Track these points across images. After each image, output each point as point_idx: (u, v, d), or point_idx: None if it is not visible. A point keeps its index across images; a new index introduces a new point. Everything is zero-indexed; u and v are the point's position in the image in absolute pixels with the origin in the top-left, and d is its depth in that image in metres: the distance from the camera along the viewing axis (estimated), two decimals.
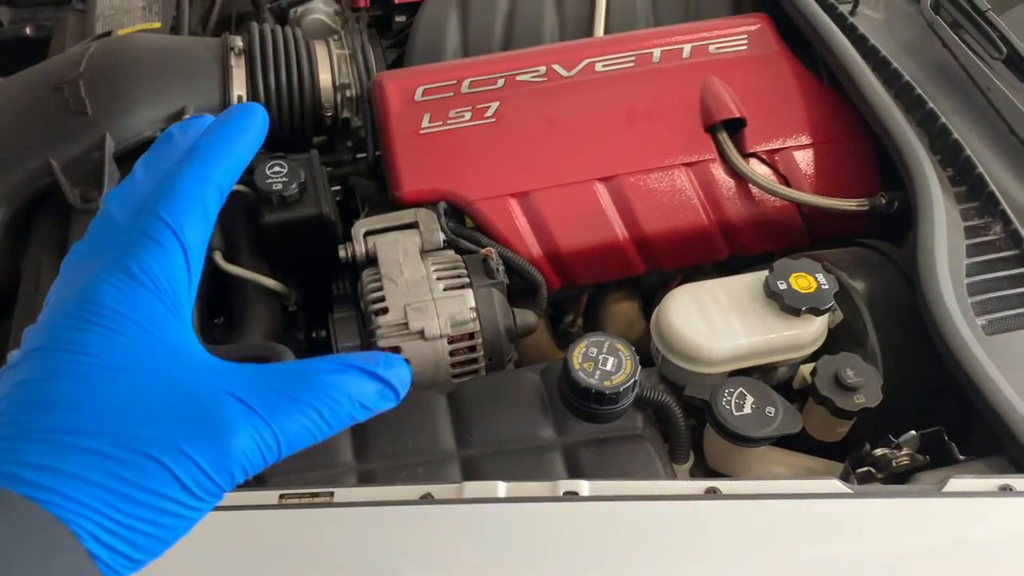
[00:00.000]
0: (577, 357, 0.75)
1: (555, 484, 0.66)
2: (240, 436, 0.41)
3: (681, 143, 0.96)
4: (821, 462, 0.81)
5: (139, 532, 0.39)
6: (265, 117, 0.49)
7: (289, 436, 0.42)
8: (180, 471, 0.40)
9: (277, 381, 0.43)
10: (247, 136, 0.48)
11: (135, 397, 0.41)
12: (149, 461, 0.39)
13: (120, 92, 0.99)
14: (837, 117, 1.00)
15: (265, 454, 0.42)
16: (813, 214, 0.97)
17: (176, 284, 0.43)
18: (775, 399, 0.76)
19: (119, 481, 0.39)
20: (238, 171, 0.48)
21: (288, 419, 0.42)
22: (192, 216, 0.45)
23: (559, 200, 0.94)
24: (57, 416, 0.40)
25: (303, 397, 0.43)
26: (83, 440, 0.39)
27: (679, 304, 0.81)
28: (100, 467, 0.39)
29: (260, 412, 0.42)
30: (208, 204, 0.46)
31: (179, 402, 0.41)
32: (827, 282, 0.80)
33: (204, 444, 0.40)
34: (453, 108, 0.96)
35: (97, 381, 0.41)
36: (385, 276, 0.85)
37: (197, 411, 0.41)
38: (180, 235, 0.44)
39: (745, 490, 0.65)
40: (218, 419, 0.41)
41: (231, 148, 0.47)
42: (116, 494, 0.39)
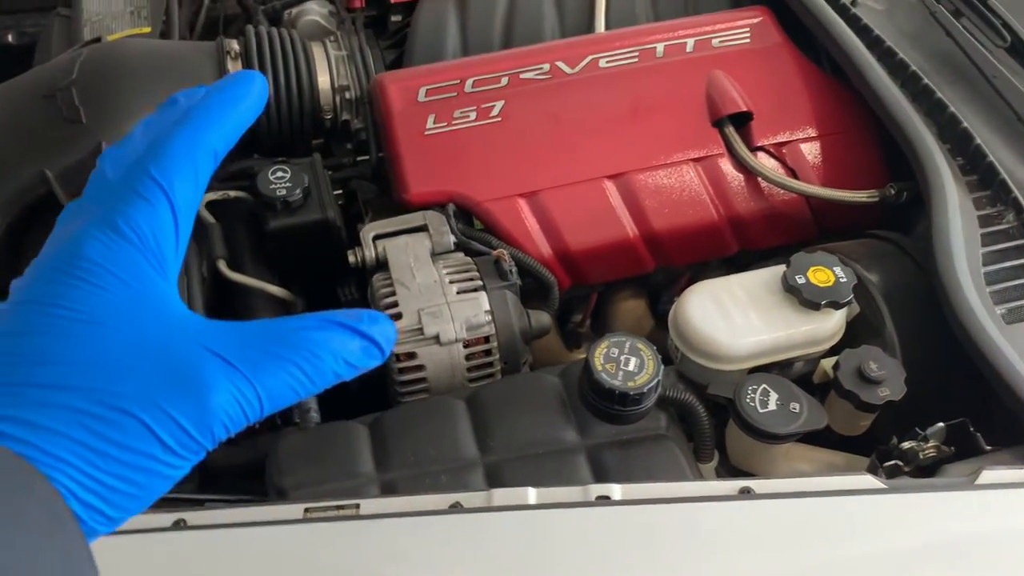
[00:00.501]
0: (599, 358, 0.74)
1: (586, 489, 0.65)
2: (220, 393, 0.40)
3: (688, 138, 0.96)
4: (845, 456, 0.80)
5: (116, 490, 0.39)
6: (264, 84, 0.49)
7: (271, 393, 0.42)
8: (159, 428, 0.39)
9: (259, 338, 0.42)
10: (244, 102, 0.47)
11: (115, 353, 0.40)
12: (128, 417, 0.39)
13: (115, 99, 0.96)
14: (842, 108, 1.00)
15: (247, 411, 0.41)
16: (821, 206, 0.97)
17: (163, 241, 0.43)
18: (799, 395, 0.75)
19: (97, 437, 0.38)
20: (234, 136, 0.47)
21: (270, 375, 0.41)
22: (182, 175, 0.44)
23: (568, 199, 0.93)
24: (36, 370, 0.39)
25: (285, 353, 0.42)
26: (61, 395, 0.39)
27: (697, 301, 0.80)
28: (78, 422, 0.38)
29: (241, 368, 0.41)
30: (200, 165, 0.45)
31: (159, 358, 0.41)
32: (845, 275, 0.80)
33: (184, 401, 0.40)
34: (457, 108, 0.94)
35: (77, 336, 0.40)
36: (397, 281, 0.84)
37: (177, 367, 0.40)
38: (169, 193, 0.43)
39: (778, 489, 0.64)
40: (198, 375, 0.40)
41: (227, 112, 0.47)
42: (93, 450, 0.38)
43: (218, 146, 0.47)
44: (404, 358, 0.81)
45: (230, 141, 0.47)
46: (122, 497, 0.39)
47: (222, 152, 0.47)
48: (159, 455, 0.39)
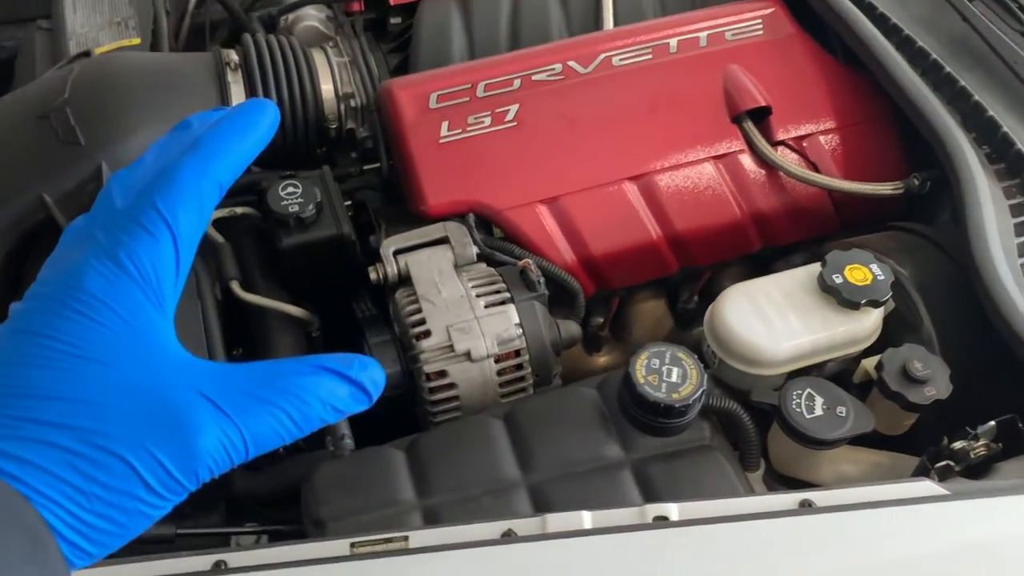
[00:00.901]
0: (640, 370, 0.72)
1: (643, 510, 0.63)
2: (207, 436, 0.41)
3: (708, 136, 0.93)
4: (888, 455, 0.79)
5: (98, 528, 0.40)
6: (276, 114, 0.49)
7: (257, 437, 0.43)
8: (144, 470, 0.40)
9: (248, 381, 0.43)
10: (254, 133, 0.48)
11: (107, 392, 0.41)
12: (115, 460, 0.40)
13: (113, 118, 0.93)
14: (859, 98, 0.98)
15: (232, 454, 0.42)
16: (843, 199, 0.95)
17: (163, 275, 0.44)
18: (844, 398, 0.74)
19: (84, 478, 0.39)
20: (240, 167, 0.48)
21: (256, 420, 0.42)
22: (187, 208, 0.45)
23: (589, 203, 0.90)
24: (30, 403, 0.40)
25: (272, 398, 0.43)
26: (53, 433, 0.40)
27: (734, 305, 0.78)
28: (66, 462, 0.39)
29: (230, 413, 0.42)
30: (204, 198, 0.46)
31: (148, 399, 0.42)
32: (883, 272, 0.78)
33: (170, 443, 0.41)
34: (471, 114, 0.91)
35: (72, 372, 0.41)
36: (422, 297, 0.81)
37: (165, 410, 0.41)
38: (173, 227, 0.44)
39: (839, 500, 0.62)
40: (186, 418, 0.41)
41: (235, 144, 0.47)
42: (79, 491, 0.39)
43: (224, 179, 0.47)
44: (435, 377, 0.79)
45: (236, 173, 0.48)
46: (103, 535, 0.40)
47: (227, 184, 0.48)
48: (143, 496, 0.41)
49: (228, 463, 0.43)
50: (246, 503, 0.85)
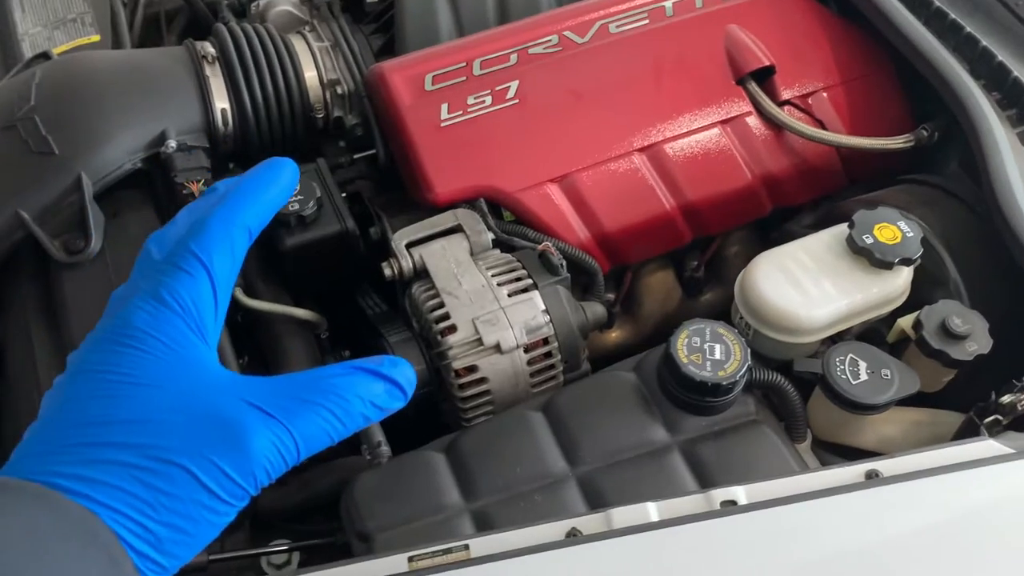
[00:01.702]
0: (682, 350, 0.70)
1: (708, 496, 0.61)
2: (260, 440, 0.45)
3: (713, 100, 0.91)
4: (926, 412, 0.78)
5: (167, 539, 0.43)
6: (294, 168, 0.57)
7: (306, 436, 0.47)
8: (204, 476, 0.43)
9: (291, 387, 0.48)
10: (276, 185, 0.55)
11: (161, 410, 0.44)
12: (176, 468, 0.43)
13: (87, 124, 0.87)
14: (859, 52, 0.96)
15: (285, 456, 0.46)
16: (851, 155, 0.94)
17: (203, 309, 0.49)
18: (887, 360, 0.73)
19: (148, 489, 0.42)
20: (268, 215, 0.55)
21: (303, 420, 0.47)
22: (220, 250, 0.50)
23: (600, 178, 0.87)
24: (90, 431, 0.43)
25: (316, 399, 0.47)
26: (114, 452, 0.43)
27: (765, 274, 0.76)
28: (130, 475, 0.42)
29: (277, 416, 0.46)
30: (236, 240, 0.52)
31: (201, 413, 0.45)
32: (911, 229, 0.77)
33: (225, 449, 0.44)
34: (471, 94, 0.87)
35: (126, 397, 0.44)
36: (443, 290, 0.78)
37: (217, 420, 0.45)
38: (208, 266, 0.50)
39: (905, 468, 0.61)
40: (239, 426, 0.45)
41: (259, 194, 0.53)
42: (144, 501, 0.42)
43: (252, 224, 0.53)
44: (464, 373, 0.76)
45: (263, 220, 0.54)
46: (173, 545, 0.43)
47: (256, 229, 0.53)
48: (206, 502, 0.43)
49: (282, 464, 0.46)
50: (272, 519, 0.82)
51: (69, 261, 0.84)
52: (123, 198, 0.90)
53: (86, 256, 0.84)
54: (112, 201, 0.89)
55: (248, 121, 0.92)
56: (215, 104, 0.90)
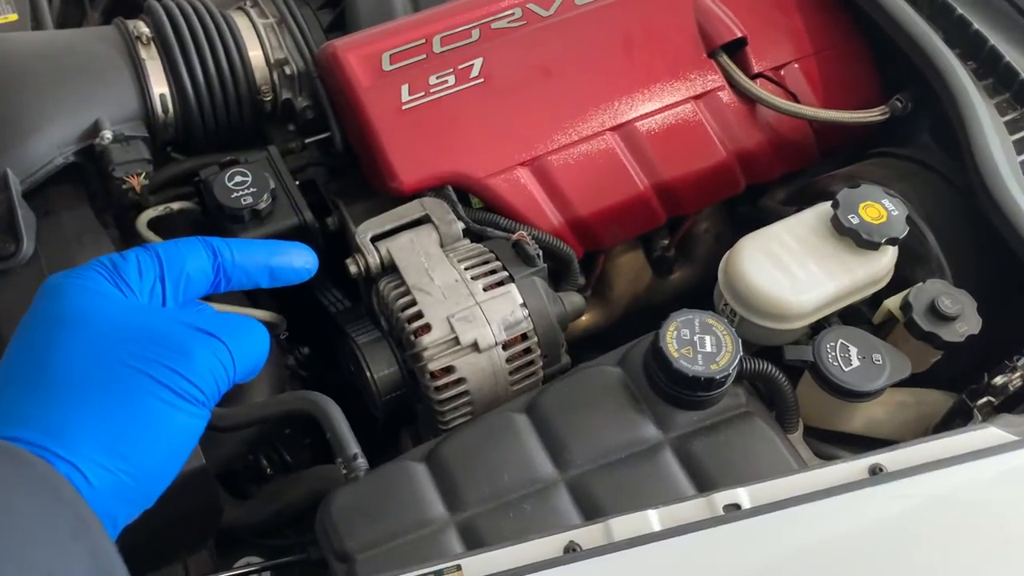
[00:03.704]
0: (671, 343, 0.67)
1: (711, 500, 0.58)
2: (202, 350, 0.50)
3: (685, 74, 0.87)
4: (910, 392, 0.77)
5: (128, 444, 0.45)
6: (312, 258, 0.63)
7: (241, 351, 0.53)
8: (160, 376, 0.47)
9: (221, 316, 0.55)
10: (284, 255, 0.62)
11: (106, 342, 0.48)
12: (131, 375, 0.46)
13: (11, 114, 0.79)
14: (830, 22, 0.93)
15: (226, 366, 0.51)
16: (824, 128, 0.91)
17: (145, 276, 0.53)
18: (877, 344, 0.71)
19: (106, 409, 0.45)
20: (256, 265, 0.60)
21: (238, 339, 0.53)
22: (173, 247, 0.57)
23: (572, 160, 0.83)
24: (39, 377, 0.46)
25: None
26: (65, 390, 0.46)
27: (750, 259, 0.73)
28: (88, 409, 0.45)
29: (215, 333, 0.51)
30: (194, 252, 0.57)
31: (146, 336, 0.49)
32: (895, 207, 0.75)
33: (174, 357, 0.48)
34: (432, 73, 0.82)
35: (68, 340, 0.48)
36: (414, 287, 0.73)
37: (162, 337, 0.49)
38: (157, 250, 0.56)
39: (908, 461, 0.59)
40: (181, 341, 0.49)
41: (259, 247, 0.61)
42: (106, 427, 0.44)
43: (227, 257, 0.58)
44: (440, 374, 0.72)
45: (251, 268, 0.59)
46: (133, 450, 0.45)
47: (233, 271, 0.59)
48: (165, 397, 0.47)
49: (225, 377, 0.51)
50: (240, 534, 0.77)
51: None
52: (55, 194, 0.82)
53: (17, 262, 0.76)
54: (43, 199, 0.81)
55: (190, 107, 0.85)
56: (153, 89, 0.83)
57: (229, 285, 0.58)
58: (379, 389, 0.74)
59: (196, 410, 0.48)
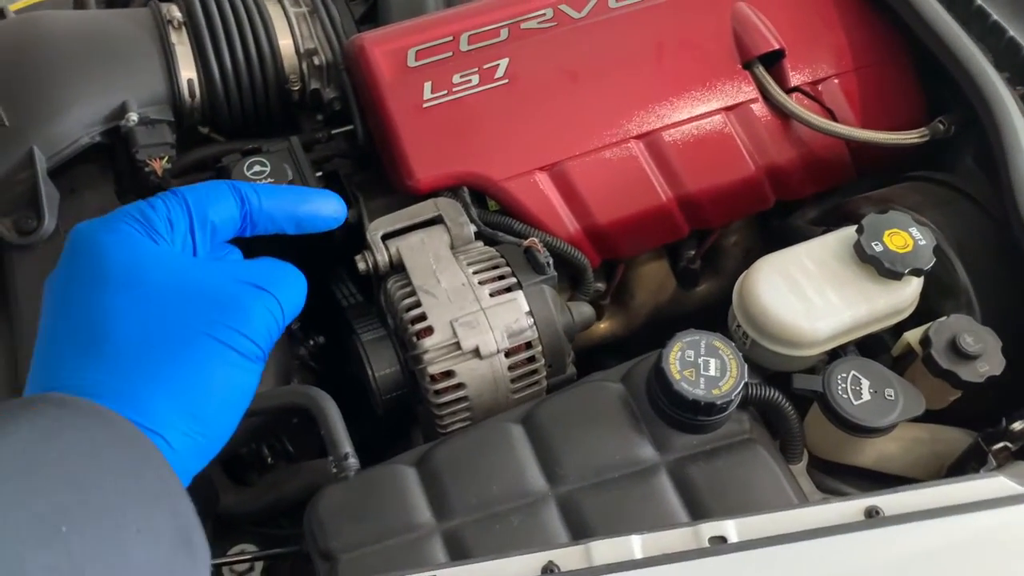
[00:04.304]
0: (675, 365, 0.66)
1: (696, 530, 0.57)
2: (257, 306, 0.51)
3: (717, 85, 0.85)
4: (927, 429, 0.74)
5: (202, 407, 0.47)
6: (341, 207, 0.67)
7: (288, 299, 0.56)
8: (223, 337, 0.48)
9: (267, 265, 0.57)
10: (310, 202, 0.65)
11: (165, 300, 0.49)
12: (198, 337, 0.48)
13: (41, 93, 0.80)
14: (874, 36, 0.90)
15: (276, 319, 0.53)
16: (861, 148, 0.88)
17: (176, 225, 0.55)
18: (891, 378, 0.68)
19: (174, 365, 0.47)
20: (280, 213, 0.62)
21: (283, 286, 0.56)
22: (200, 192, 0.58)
23: (593, 167, 0.82)
24: (107, 337, 0.47)
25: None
26: (135, 351, 0.47)
27: (766, 281, 0.71)
28: (159, 372, 0.46)
29: (265, 287, 0.53)
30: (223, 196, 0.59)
31: (203, 293, 0.50)
32: (923, 237, 0.72)
33: (233, 316, 0.50)
34: (456, 72, 0.81)
35: (127, 297, 0.49)
36: (419, 288, 0.72)
37: (219, 296, 0.50)
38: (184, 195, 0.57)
39: (908, 506, 0.57)
40: (236, 298, 0.51)
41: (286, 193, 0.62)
42: (178, 383, 0.46)
43: (255, 201, 0.59)
44: (440, 378, 0.71)
45: (275, 215, 0.61)
46: (211, 421, 0.48)
47: (260, 216, 0.60)
48: (229, 359, 0.48)
49: (276, 328, 0.53)
50: (237, 521, 0.78)
51: (20, 243, 0.78)
52: (81, 173, 0.84)
53: (38, 237, 0.78)
54: (69, 177, 0.83)
55: (217, 93, 0.85)
56: (180, 74, 0.84)
57: (254, 230, 0.58)
58: (379, 387, 0.74)
59: (255, 366, 0.50)
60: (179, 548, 0.41)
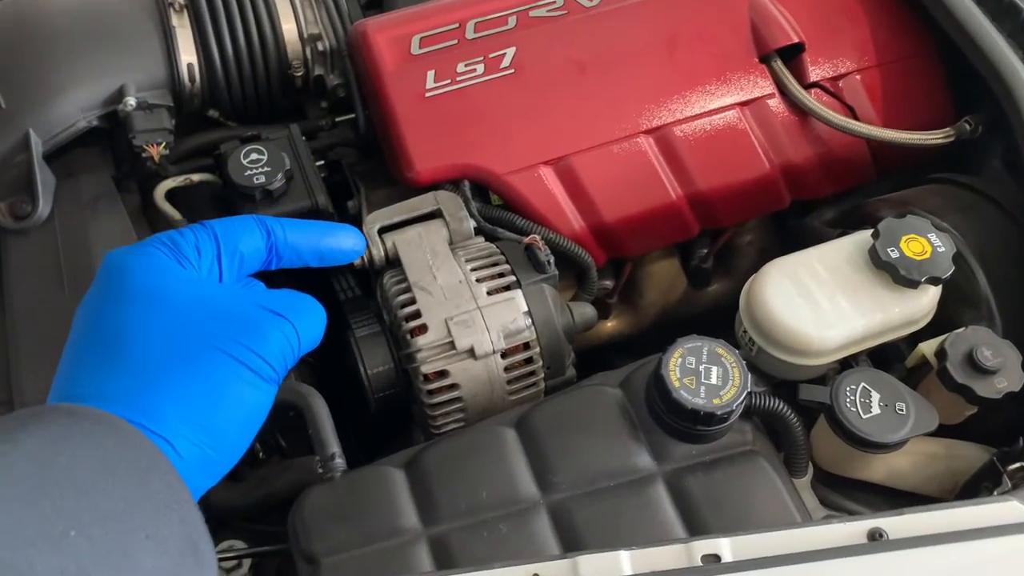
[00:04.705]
0: (674, 372, 0.63)
1: (689, 548, 0.54)
2: (273, 331, 0.51)
3: (733, 78, 0.82)
4: (942, 444, 0.71)
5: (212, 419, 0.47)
6: (359, 239, 0.67)
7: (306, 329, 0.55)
8: (238, 354, 0.49)
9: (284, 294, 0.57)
10: (331, 236, 0.64)
11: (184, 319, 0.50)
12: (214, 353, 0.48)
13: (39, 74, 0.79)
14: (901, 31, 0.86)
15: (292, 343, 0.53)
16: (882, 147, 0.84)
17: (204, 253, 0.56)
18: (902, 392, 0.65)
19: (192, 386, 0.47)
20: (304, 250, 0.62)
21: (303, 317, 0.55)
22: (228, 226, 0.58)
23: (600, 162, 0.79)
24: (126, 351, 0.48)
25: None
26: (153, 363, 0.47)
27: (775, 286, 0.68)
28: (174, 385, 0.46)
29: (282, 313, 0.53)
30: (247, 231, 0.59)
31: (222, 315, 0.51)
32: (942, 243, 0.68)
33: (249, 337, 0.50)
34: (461, 60, 0.79)
35: (146, 312, 0.50)
36: (415, 284, 0.70)
37: (237, 317, 0.51)
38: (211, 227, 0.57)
39: (914, 530, 0.54)
40: (254, 320, 0.51)
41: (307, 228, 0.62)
42: (193, 408, 0.46)
43: (281, 239, 0.59)
44: (434, 377, 0.69)
45: (299, 251, 0.61)
46: (221, 434, 0.48)
47: (286, 253, 0.60)
48: (244, 376, 0.48)
49: (292, 354, 0.53)
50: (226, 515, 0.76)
51: (14, 227, 0.77)
52: (79, 157, 0.83)
53: (32, 222, 0.77)
54: (67, 161, 0.82)
55: (217, 78, 0.83)
56: (181, 58, 0.82)
57: (280, 263, 0.59)
58: (372, 385, 0.72)
59: (268, 387, 0.50)
60: (186, 556, 0.41)
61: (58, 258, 0.76)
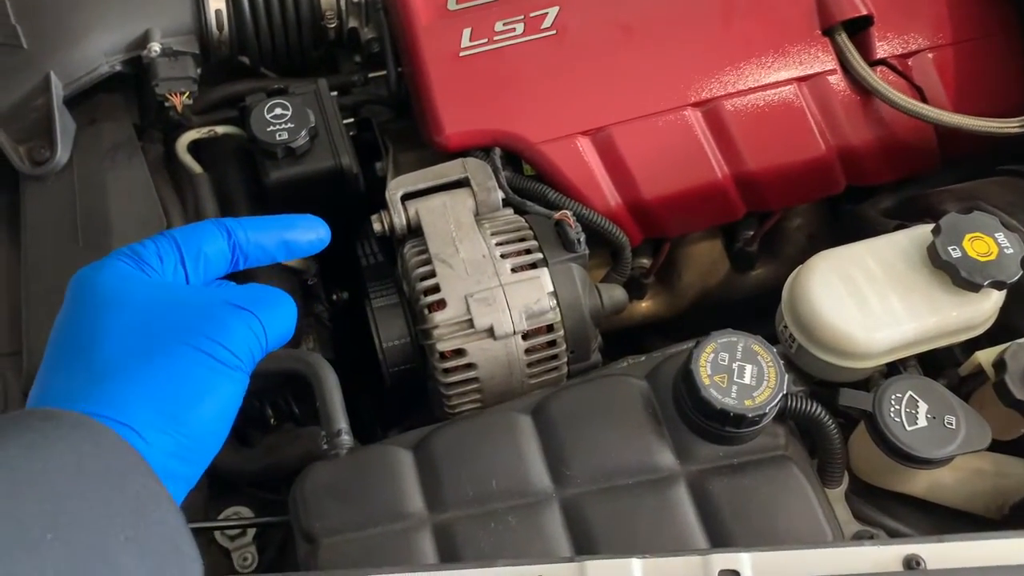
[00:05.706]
0: (705, 368, 0.59)
1: (707, 560, 0.50)
2: (236, 322, 0.51)
3: (792, 51, 0.76)
4: (991, 459, 0.65)
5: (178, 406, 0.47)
6: (325, 232, 0.62)
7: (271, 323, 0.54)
8: (204, 346, 0.49)
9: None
10: (294, 228, 0.61)
11: (147, 319, 0.50)
12: (180, 347, 0.49)
13: (63, 16, 0.76)
14: (979, 6, 0.79)
15: (258, 336, 0.53)
16: (950, 133, 0.78)
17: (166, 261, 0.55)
18: (953, 404, 0.60)
19: (159, 379, 0.47)
20: (267, 242, 0.59)
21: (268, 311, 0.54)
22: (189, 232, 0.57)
23: (642, 135, 0.74)
24: (92, 356, 0.49)
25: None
26: (121, 366, 0.48)
27: (822, 281, 0.63)
28: (143, 380, 0.47)
29: (246, 307, 0.52)
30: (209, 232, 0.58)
31: (184, 308, 0.51)
32: (1011, 244, 0.63)
33: (213, 329, 0.50)
34: (500, 19, 0.74)
35: (116, 314, 0.50)
36: (436, 256, 0.67)
37: (199, 310, 0.51)
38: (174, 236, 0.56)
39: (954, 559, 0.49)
40: (217, 313, 0.51)
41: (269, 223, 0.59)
42: (161, 398, 0.47)
43: (240, 234, 0.58)
44: (451, 355, 0.65)
45: (260, 244, 0.59)
46: (195, 425, 0.48)
47: (247, 244, 0.58)
48: (210, 364, 0.49)
49: (259, 347, 0.52)
50: (234, 480, 0.75)
51: (32, 173, 0.75)
52: (103, 103, 0.80)
53: (51, 168, 0.75)
54: (90, 106, 0.79)
55: (246, 26, 0.80)
56: (209, 3, 0.78)
57: (248, 262, 0.59)
58: (386, 359, 0.69)
59: (235, 374, 0.51)
60: (168, 556, 0.42)
61: (74, 208, 0.74)
